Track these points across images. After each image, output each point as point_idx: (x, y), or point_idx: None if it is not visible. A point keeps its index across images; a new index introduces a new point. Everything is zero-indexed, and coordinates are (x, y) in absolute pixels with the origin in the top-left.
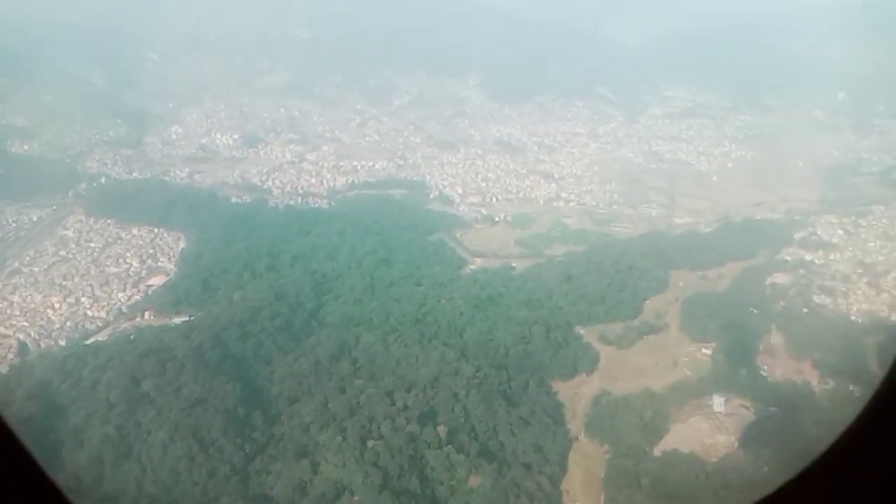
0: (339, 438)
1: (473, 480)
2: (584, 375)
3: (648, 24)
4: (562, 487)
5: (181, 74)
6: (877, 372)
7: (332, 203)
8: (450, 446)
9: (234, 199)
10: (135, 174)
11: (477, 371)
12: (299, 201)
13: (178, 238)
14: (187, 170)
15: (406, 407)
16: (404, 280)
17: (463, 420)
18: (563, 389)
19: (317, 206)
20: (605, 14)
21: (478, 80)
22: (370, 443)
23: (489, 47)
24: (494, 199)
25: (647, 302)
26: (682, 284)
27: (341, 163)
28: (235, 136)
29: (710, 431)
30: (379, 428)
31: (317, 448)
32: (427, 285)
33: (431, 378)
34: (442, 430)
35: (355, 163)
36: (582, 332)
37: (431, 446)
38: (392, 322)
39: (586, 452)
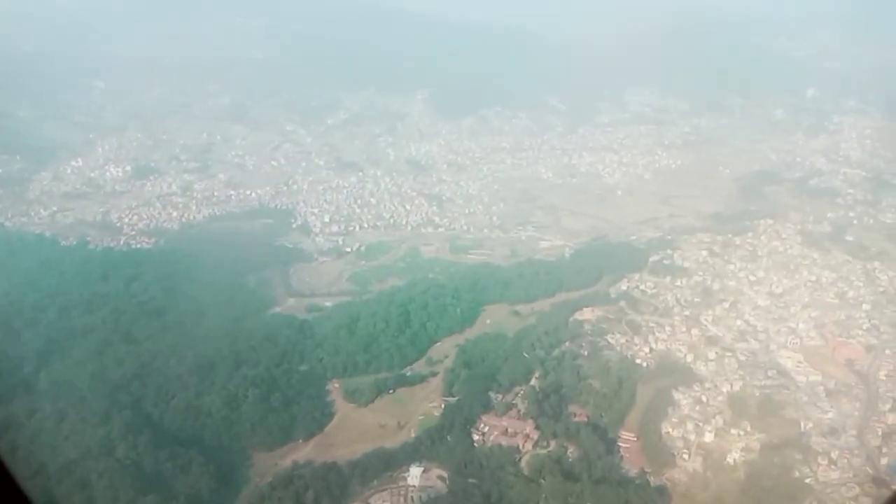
0: None
1: None
2: (301, 441)
3: (623, 24)
4: None
5: (121, 102)
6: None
7: (161, 242)
8: None
9: (62, 243)
10: None
11: (133, 449)
12: (121, 242)
13: None
14: (54, 208)
15: None
16: (160, 335)
17: None
18: (265, 461)
19: (139, 247)
20: (574, 17)
21: (426, 95)
22: None
23: (444, 59)
24: (359, 227)
25: (438, 344)
26: (488, 322)
27: (217, 193)
28: (127, 168)
29: None
30: None
31: None
32: (178, 341)
33: (71, 460)
34: None
35: (231, 192)
36: (337, 385)
37: None
38: (84, 390)
39: None
